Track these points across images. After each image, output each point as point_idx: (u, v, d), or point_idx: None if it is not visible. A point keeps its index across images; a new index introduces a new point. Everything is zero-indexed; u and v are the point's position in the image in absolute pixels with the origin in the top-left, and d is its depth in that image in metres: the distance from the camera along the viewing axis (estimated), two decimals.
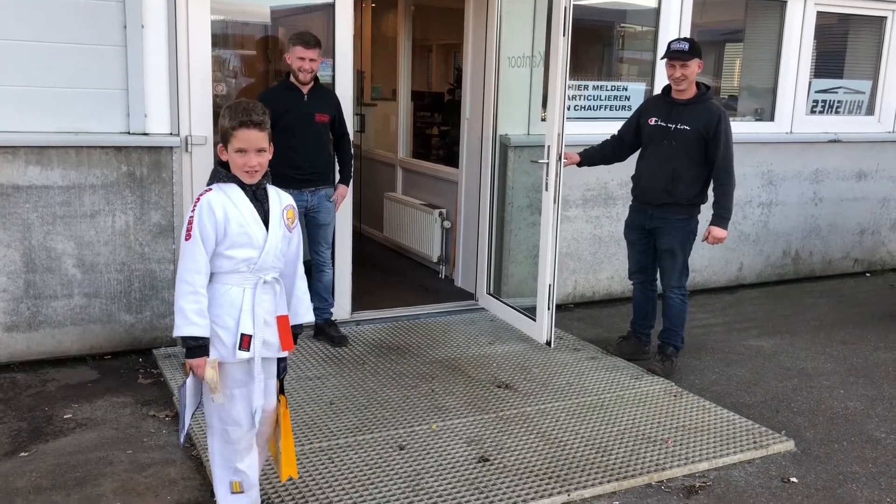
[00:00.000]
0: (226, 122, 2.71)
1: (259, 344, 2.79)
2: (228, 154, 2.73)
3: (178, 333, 2.73)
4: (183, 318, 2.68)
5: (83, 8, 4.51)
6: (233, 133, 2.68)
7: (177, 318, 2.71)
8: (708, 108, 4.64)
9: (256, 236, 2.74)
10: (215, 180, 2.78)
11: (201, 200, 2.71)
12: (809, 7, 6.91)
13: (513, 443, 3.86)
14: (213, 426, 2.91)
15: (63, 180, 4.63)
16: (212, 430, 2.93)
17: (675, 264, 4.82)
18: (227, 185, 2.76)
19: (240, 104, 2.75)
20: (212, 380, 2.72)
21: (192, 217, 2.69)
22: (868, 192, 7.58)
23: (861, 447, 4.05)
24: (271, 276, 2.81)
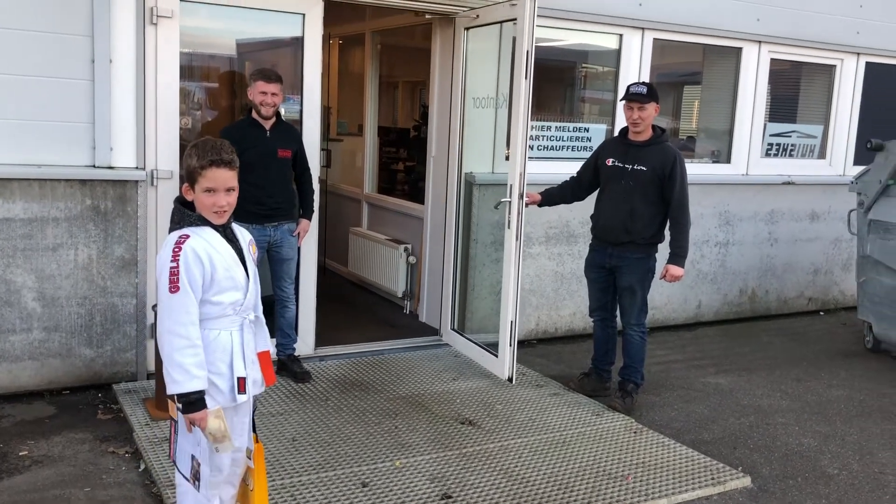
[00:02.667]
0: (193, 161, 2.61)
1: (251, 384, 2.77)
2: (195, 194, 2.63)
3: (181, 390, 2.57)
4: (184, 374, 2.55)
5: (51, 41, 4.52)
6: (201, 172, 2.59)
7: (174, 374, 2.56)
8: (663, 150, 4.79)
9: (239, 278, 2.71)
10: (186, 223, 2.65)
11: (183, 249, 2.58)
12: (763, 54, 7.17)
13: (476, 480, 3.88)
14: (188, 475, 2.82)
15: (25, 213, 4.59)
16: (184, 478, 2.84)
17: (635, 302, 4.92)
18: (201, 229, 2.65)
19: (207, 142, 2.67)
20: (219, 430, 2.61)
21: (176, 268, 2.56)
22: (821, 232, 7.81)
23: (815, 483, 4.14)
24: (254, 315, 2.80)
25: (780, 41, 7.18)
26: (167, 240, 2.65)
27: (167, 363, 2.58)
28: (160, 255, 2.63)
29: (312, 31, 5.25)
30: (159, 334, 2.62)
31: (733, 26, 6.89)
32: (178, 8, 4.81)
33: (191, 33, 5.12)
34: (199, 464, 2.68)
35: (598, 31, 6.46)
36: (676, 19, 6.58)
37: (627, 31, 6.47)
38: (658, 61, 6.76)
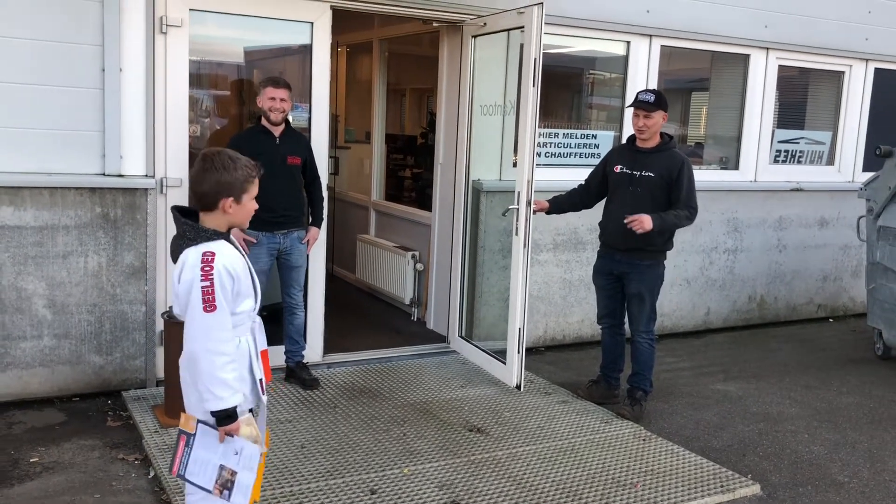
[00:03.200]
0: (240, 173, 2.64)
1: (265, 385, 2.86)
2: (240, 204, 2.66)
3: (225, 405, 2.60)
4: (228, 389, 2.59)
5: (62, 51, 4.56)
6: (252, 181, 2.68)
7: (218, 391, 2.57)
8: (671, 156, 4.79)
9: (251, 286, 2.75)
10: (202, 239, 2.61)
11: (216, 268, 2.56)
12: (771, 61, 7.17)
13: (485, 487, 3.88)
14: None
15: (36, 221, 4.62)
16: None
17: (644, 309, 4.92)
18: (218, 243, 2.64)
19: (233, 155, 2.69)
20: (251, 435, 2.67)
21: (210, 287, 2.55)
22: (830, 239, 7.78)
23: (825, 491, 4.12)
24: (258, 317, 2.85)
25: (787, 48, 7.18)
26: (187, 258, 2.59)
27: (208, 381, 2.57)
28: (183, 275, 2.57)
29: (321, 39, 5.28)
30: (193, 353, 2.58)
31: (741, 33, 6.90)
32: (188, 17, 4.84)
33: (200, 42, 5.15)
34: (232, 472, 2.68)
35: (605, 39, 6.48)
36: (684, 26, 6.58)
37: (635, 39, 6.48)
38: (666, 68, 6.77)
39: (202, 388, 2.59)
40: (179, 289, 2.60)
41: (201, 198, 2.64)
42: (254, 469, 2.71)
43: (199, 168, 2.64)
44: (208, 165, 2.63)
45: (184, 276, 2.57)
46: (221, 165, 2.62)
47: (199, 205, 2.66)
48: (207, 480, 2.68)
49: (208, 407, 2.61)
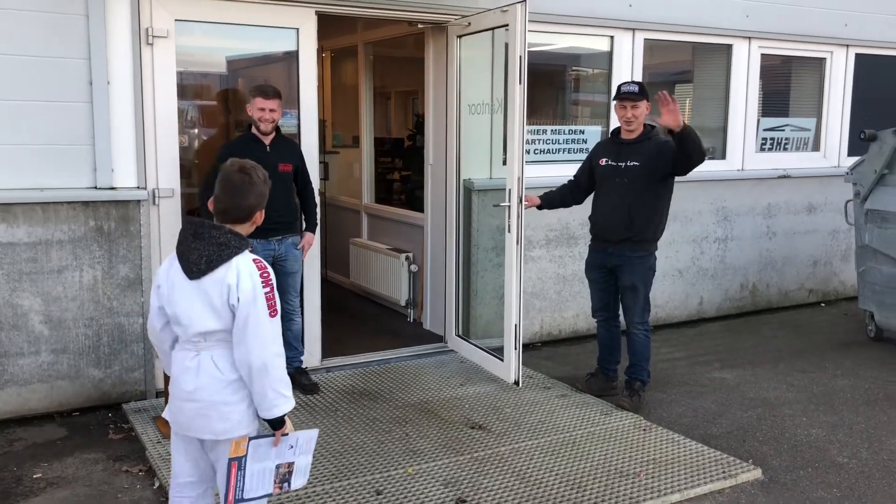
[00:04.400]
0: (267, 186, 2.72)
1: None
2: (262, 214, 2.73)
3: (292, 404, 2.66)
4: (290, 387, 2.65)
5: (49, 66, 4.56)
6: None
7: (286, 391, 2.63)
8: (655, 143, 4.84)
9: None
10: (244, 247, 2.62)
11: (269, 272, 2.61)
12: (754, 50, 7.23)
13: (489, 483, 3.90)
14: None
15: (29, 237, 4.62)
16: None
17: (637, 300, 4.95)
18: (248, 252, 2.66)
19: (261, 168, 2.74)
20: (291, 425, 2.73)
21: (272, 292, 2.58)
22: (818, 224, 7.85)
23: (826, 473, 4.17)
24: None
25: (769, 36, 7.24)
26: (240, 268, 2.55)
27: (279, 385, 2.59)
28: (242, 284, 2.53)
29: (307, 45, 5.30)
30: (266, 362, 2.55)
31: (722, 23, 6.95)
32: (174, 28, 4.85)
33: (187, 52, 5.15)
34: (289, 465, 2.70)
35: (589, 34, 6.52)
36: (666, 19, 6.63)
37: (618, 33, 6.53)
38: (650, 61, 6.82)
39: (272, 395, 2.58)
40: (240, 298, 2.52)
41: (244, 209, 2.64)
42: (311, 450, 2.76)
43: (241, 181, 2.63)
44: (255, 178, 2.65)
45: (243, 285, 2.52)
46: (263, 178, 2.68)
47: (235, 216, 2.64)
48: (267, 487, 2.68)
49: (277, 412, 2.60)
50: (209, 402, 2.62)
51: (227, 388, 2.62)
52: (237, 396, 2.63)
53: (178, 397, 2.69)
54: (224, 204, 2.65)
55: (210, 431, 2.65)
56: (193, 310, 2.59)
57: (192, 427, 2.68)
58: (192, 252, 2.59)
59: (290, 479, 2.71)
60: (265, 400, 2.59)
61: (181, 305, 2.61)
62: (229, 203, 2.65)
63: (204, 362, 2.62)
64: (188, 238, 2.61)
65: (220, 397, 2.62)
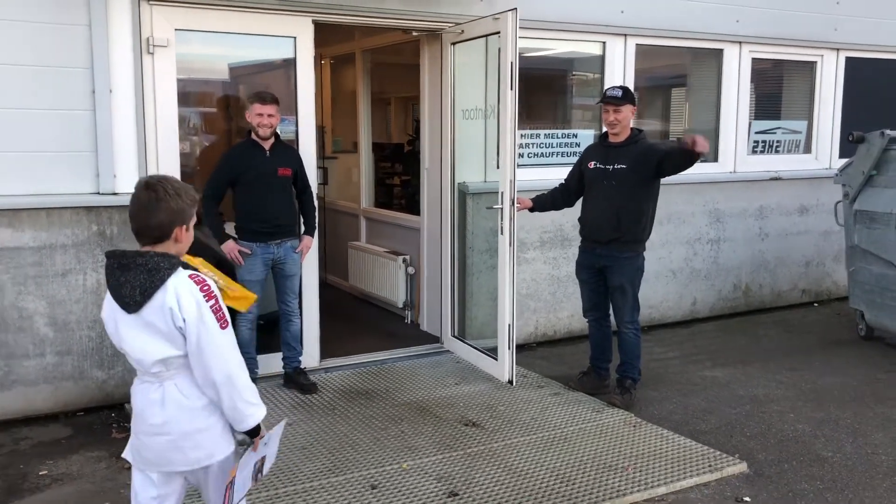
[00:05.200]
0: (186, 199, 2.51)
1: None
2: (190, 231, 2.57)
3: (263, 411, 2.58)
4: (257, 394, 2.58)
5: (53, 75, 4.70)
6: (195, 207, 2.58)
7: (254, 398, 2.54)
8: (641, 146, 4.97)
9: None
10: (177, 267, 2.47)
11: (209, 283, 2.49)
12: (745, 54, 7.35)
13: (481, 477, 4.02)
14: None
15: (34, 241, 4.75)
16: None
17: (626, 300, 5.07)
18: (182, 269, 2.51)
19: (176, 182, 2.56)
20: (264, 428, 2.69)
21: (218, 304, 2.47)
22: (811, 225, 7.96)
23: (809, 466, 4.28)
24: None
25: (759, 41, 7.36)
26: (178, 289, 2.42)
27: (249, 395, 2.52)
28: (185, 305, 2.41)
29: (304, 53, 5.43)
30: (229, 375, 2.47)
31: (713, 28, 7.08)
32: (174, 37, 4.99)
33: (187, 60, 5.28)
34: (262, 458, 2.69)
35: (582, 40, 6.65)
36: (657, 24, 6.76)
37: (610, 39, 6.66)
38: (643, 65, 6.94)
39: (243, 406, 2.51)
40: (186, 319, 2.41)
41: (155, 229, 2.46)
42: (278, 439, 2.75)
43: (148, 199, 2.45)
44: (162, 194, 2.45)
45: (185, 306, 2.41)
46: (174, 192, 2.47)
47: (151, 237, 2.47)
48: (248, 485, 2.68)
49: (251, 422, 2.54)
50: (181, 433, 2.51)
51: (197, 415, 2.52)
52: (209, 421, 2.54)
53: (144, 432, 2.56)
54: (135, 224, 2.50)
55: (185, 463, 2.55)
56: (144, 343, 2.46)
57: (163, 461, 2.56)
58: (122, 286, 2.43)
59: (263, 467, 2.73)
60: (237, 413, 2.51)
61: (130, 341, 2.48)
62: (139, 223, 2.48)
63: (168, 392, 2.50)
64: (115, 272, 2.46)
65: (191, 426, 2.52)
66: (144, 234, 2.48)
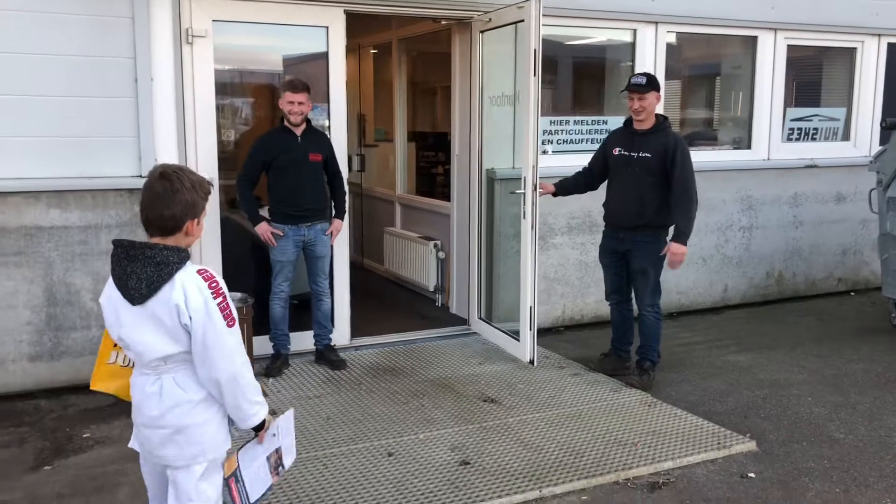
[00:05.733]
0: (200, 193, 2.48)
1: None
2: (201, 225, 2.52)
3: (266, 412, 2.58)
4: (261, 394, 2.56)
5: (98, 64, 4.98)
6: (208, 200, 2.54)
7: (258, 397, 2.54)
8: (665, 136, 5.04)
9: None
10: (185, 260, 2.44)
11: (218, 281, 2.45)
12: (780, 41, 7.31)
13: (493, 448, 4.19)
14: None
15: (81, 221, 5.06)
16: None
17: (647, 283, 5.16)
18: (191, 264, 2.47)
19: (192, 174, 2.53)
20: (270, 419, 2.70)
21: (226, 302, 2.43)
22: (848, 213, 7.88)
23: (819, 446, 4.34)
24: None
25: (795, 27, 7.32)
26: (185, 284, 2.38)
27: (253, 394, 2.51)
28: (192, 301, 2.37)
29: (336, 42, 5.63)
30: (234, 374, 2.44)
31: (747, 15, 7.06)
32: (211, 27, 5.24)
33: (224, 50, 5.52)
34: (277, 450, 2.70)
35: (613, 28, 6.72)
36: (689, 11, 6.78)
37: (641, 26, 6.71)
38: (677, 54, 6.96)
39: (247, 406, 2.50)
40: (192, 316, 2.37)
41: (168, 220, 2.41)
42: (292, 429, 2.77)
43: (163, 189, 2.40)
44: (177, 185, 2.41)
45: (192, 303, 2.37)
46: (190, 184, 2.44)
47: (161, 228, 2.42)
48: (266, 480, 2.68)
49: (256, 421, 2.53)
50: (177, 427, 2.48)
51: (194, 409, 2.49)
52: (206, 416, 2.50)
53: (143, 425, 2.54)
54: (146, 214, 2.43)
55: (181, 458, 2.51)
56: (145, 337, 2.41)
57: (161, 457, 2.53)
58: (129, 277, 2.39)
59: (283, 462, 2.73)
60: (240, 412, 2.51)
61: (130, 333, 2.44)
62: (151, 213, 2.42)
63: (166, 385, 2.47)
64: (122, 262, 2.42)
65: (188, 420, 2.48)
66: (155, 226, 2.43)
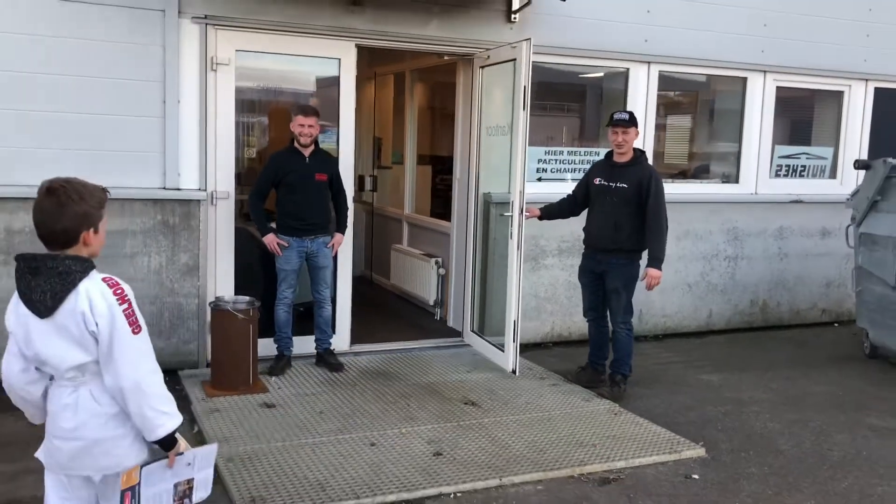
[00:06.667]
0: (93, 202, 2.49)
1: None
2: (99, 233, 2.56)
3: (178, 420, 2.54)
4: (173, 403, 2.54)
5: (131, 86, 5.56)
6: (105, 206, 2.59)
7: (167, 407, 2.50)
8: (641, 168, 5.50)
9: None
10: (89, 269, 2.48)
11: (123, 287, 2.48)
12: (769, 82, 7.76)
13: (465, 443, 4.64)
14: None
15: (109, 227, 5.56)
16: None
17: (620, 302, 5.61)
18: (96, 272, 2.51)
19: (82, 185, 2.50)
20: (187, 444, 2.66)
21: (131, 308, 2.46)
22: (832, 248, 8.24)
23: (765, 456, 4.73)
24: None
25: (785, 70, 7.76)
26: (90, 292, 2.42)
27: (157, 402, 2.47)
28: (97, 308, 2.40)
29: (347, 72, 6.19)
30: (138, 382, 2.42)
31: (738, 58, 7.52)
32: (234, 56, 5.81)
33: (245, 76, 6.09)
34: (188, 481, 2.64)
35: (607, 66, 7.22)
36: (681, 52, 7.25)
37: (634, 65, 7.19)
38: (669, 90, 7.42)
39: (152, 414, 2.46)
40: (98, 323, 2.40)
41: (60, 234, 2.41)
42: (212, 465, 2.68)
43: (51, 204, 2.39)
44: (63, 200, 2.39)
45: (97, 309, 2.39)
46: (78, 196, 2.42)
47: (58, 243, 2.43)
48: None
49: (162, 432, 2.48)
50: (92, 440, 2.48)
51: (109, 422, 2.48)
52: (121, 430, 2.50)
53: (56, 436, 2.52)
54: (39, 231, 2.43)
55: (95, 468, 2.52)
56: (57, 348, 2.42)
57: (75, 466, 2.53)
58: (33, 291, 2.39)
59: (191, 494, 2.66)
60: (146, 421, 2.46)
61: (43, 347, 2.44)
62: (43, 230, 2.42)
63: (82, 398, 2.47)
64: (25, 276, 2.41)
65: (102, 433, 2.48)
66: (51, 241, 2.43)
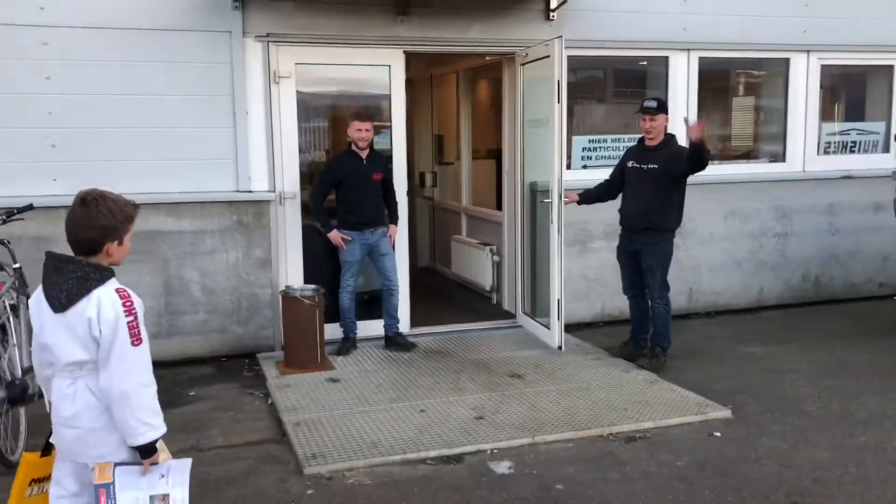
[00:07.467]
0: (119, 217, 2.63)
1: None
2: (124, 245, 2.68)
3: (159, 433, 2.63)
4: (159, 417, 2.64)
5: (204, 101, 6.25)
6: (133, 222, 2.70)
7: (153, 420, 2.61)
8: (671, 150, 5.84)
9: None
10: (107, 277, 2.62)
11: (134, 302, 2.60)
12: (813, 62, 7.89)
13: (506, 409, 5.11)
14: None
15: (191, 227, 6.32)
16: None
17: (656, 279, 5.95)
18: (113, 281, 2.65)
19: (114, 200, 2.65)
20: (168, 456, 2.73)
21: (134, 321, 2.57)
22: (887, 222, 8.26)
23: (788, 416, 5.01)
24: None
25: (829, 48, 7.86)
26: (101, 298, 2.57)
27: (143, 414, 2.58)
28: (104, 314, 2.55)
29: (397, 77, 6.73)
30: (125, 391, 2.54)
31: (779, 39, 7.68)
32: (294, 69, 6.42)
33: (305, 86, 6.69)
34: (164, 496, 2.68)
35: (646, 55, 7.52)
36: (720, 38, 7.48)
37: (673, 53, 7.47)
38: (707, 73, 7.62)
39: (135, 423, 2.57)
40: (102, 330, 2.54)
41: (86, 243, 2.60)
42: (186, 482, 2.70)
43: (81, 215, 2.58)
44: (93, 213, 2.58)
45: (104, 316, 2.54)
46: (107, 210, 2.60)
47: (82, 249, 2.62)
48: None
49: (141, 440, 2.59)
50: (87, 429, 2.64)
51: (103, 414, 2.62)
52: (114, 423, 2.63)
53: (58, 423, 2.70)
54: (68, 236, 2.63)
55: (88, 456, 2.66)
56: (61, 341, 2.60)
57: (73, 452, 2.70)
58: (53, 286, 2.60)
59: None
60: (127, 427, 2.59)
61: (50, 337, 2.63)
62: (71, 236, 2.62)
63: (80, 390, 2.63)
64: (50, 272, 2.61)
65: (98, 423, 2.63)
66: (77, 247, 2.63)
